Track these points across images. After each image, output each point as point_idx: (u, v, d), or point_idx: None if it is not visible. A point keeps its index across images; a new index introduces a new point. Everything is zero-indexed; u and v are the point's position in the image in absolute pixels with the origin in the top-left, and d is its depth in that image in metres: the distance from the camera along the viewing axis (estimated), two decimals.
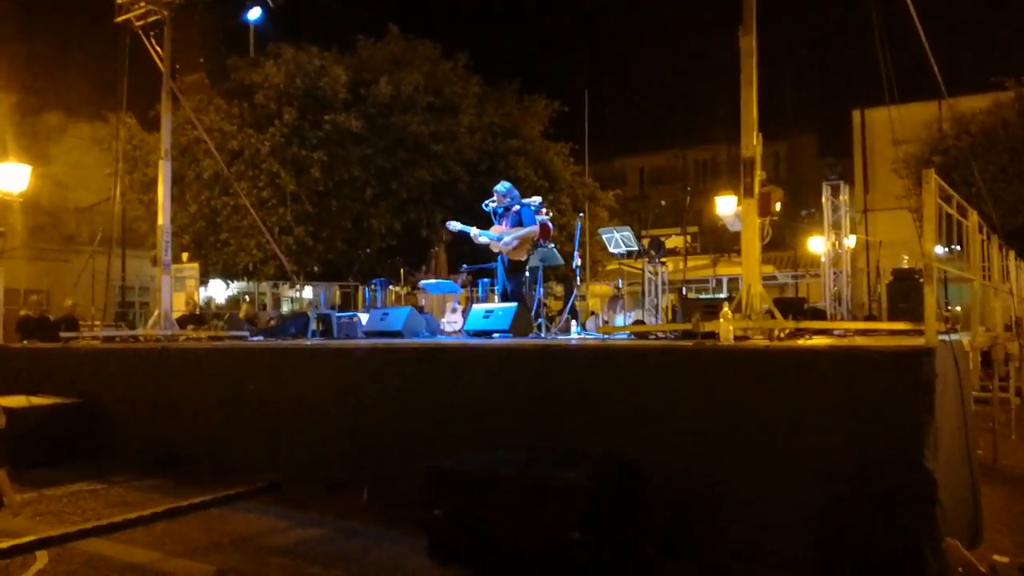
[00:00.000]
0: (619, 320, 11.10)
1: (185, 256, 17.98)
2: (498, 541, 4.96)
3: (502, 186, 9.81)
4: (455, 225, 9.77)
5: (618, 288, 14.19)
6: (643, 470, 5.13)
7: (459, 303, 11.31)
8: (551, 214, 10.17)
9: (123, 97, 12.55)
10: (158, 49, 11.40)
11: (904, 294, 11.29)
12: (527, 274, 9.50)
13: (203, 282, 19.86)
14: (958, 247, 7.33)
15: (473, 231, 9.60)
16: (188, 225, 18.27)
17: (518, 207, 9.54)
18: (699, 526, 5.01)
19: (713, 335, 5.86)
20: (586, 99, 23.95)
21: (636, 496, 5.06)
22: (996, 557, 4.98)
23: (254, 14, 11.39)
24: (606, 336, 9.04)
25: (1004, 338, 8.70)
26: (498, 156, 20.39)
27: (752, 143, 7.00)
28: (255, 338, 11.44)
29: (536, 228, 9.38)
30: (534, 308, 9.37)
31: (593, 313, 13.65)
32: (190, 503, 6.76)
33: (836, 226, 15.13)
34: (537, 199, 10.13)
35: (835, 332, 8.05)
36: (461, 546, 5.16)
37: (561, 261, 10.40)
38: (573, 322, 10.05)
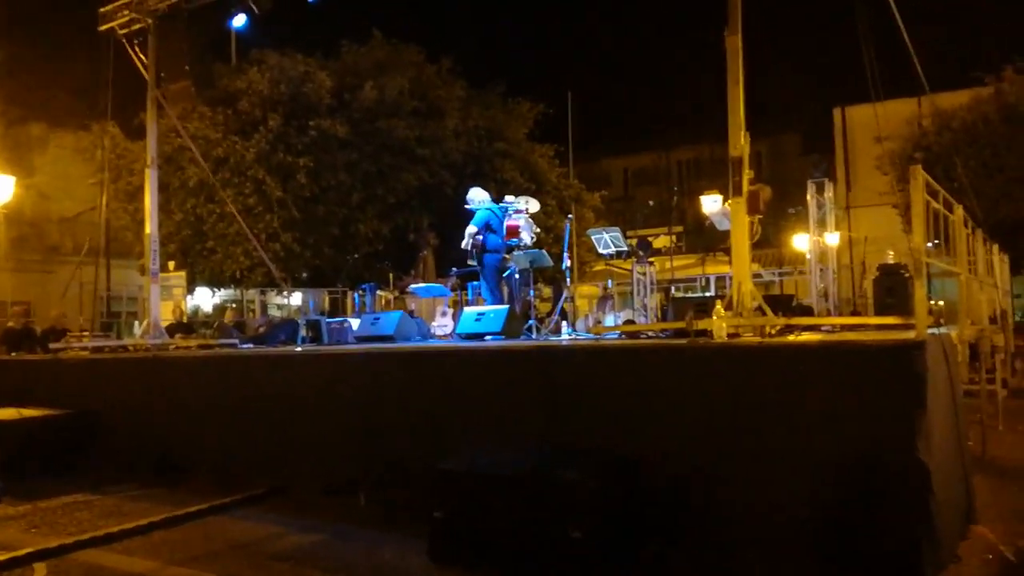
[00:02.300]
0: (609, 320, 11.15)
1: (171, 265, 17.86)
2: (499, 542, 4.99)
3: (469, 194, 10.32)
4: None
5: (607, 289, 14.27)
6: (643, 466, 5.18)
7: (449, 306, 11.33)
8: (525, 211, 10.31)
9: (107, 106, 12.47)
10: (142, 57, 11.35)
11: (890, 289, 11.35)
12: (516, 276, 9.58)
13: (190, 291, 19.76)
14: (938, 241, 7.41)
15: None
16: (174, 233, 18.20)
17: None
18: (701, 520, 5.06)
19: (706, 333, 5.92)
20: (569, 101, 24.05)
21: (637, 492, 5.11)
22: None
23: (239, 21, 11.31)
24: (598, 336, 9.10)
25: (990, 331, 8.81)
26: (484, 159, 20.41)
27: (740, 142, 7.06)
28: (244, 345, 11.41)
29: (471, 228, 9.77)
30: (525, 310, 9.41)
31: (583, 315, 13.70)
32: (187, 512, 6.75)
33: (821, 223, 15.25)
34: (510, 199, 10.36)
35: (824, 328, 8.13)
36: (462, 547, 5.19)
37: (550, 263, 10.46)
38: (563, 323, 10.09)
